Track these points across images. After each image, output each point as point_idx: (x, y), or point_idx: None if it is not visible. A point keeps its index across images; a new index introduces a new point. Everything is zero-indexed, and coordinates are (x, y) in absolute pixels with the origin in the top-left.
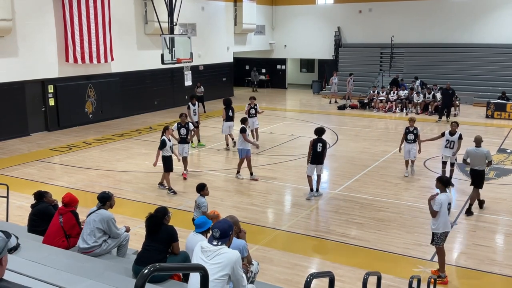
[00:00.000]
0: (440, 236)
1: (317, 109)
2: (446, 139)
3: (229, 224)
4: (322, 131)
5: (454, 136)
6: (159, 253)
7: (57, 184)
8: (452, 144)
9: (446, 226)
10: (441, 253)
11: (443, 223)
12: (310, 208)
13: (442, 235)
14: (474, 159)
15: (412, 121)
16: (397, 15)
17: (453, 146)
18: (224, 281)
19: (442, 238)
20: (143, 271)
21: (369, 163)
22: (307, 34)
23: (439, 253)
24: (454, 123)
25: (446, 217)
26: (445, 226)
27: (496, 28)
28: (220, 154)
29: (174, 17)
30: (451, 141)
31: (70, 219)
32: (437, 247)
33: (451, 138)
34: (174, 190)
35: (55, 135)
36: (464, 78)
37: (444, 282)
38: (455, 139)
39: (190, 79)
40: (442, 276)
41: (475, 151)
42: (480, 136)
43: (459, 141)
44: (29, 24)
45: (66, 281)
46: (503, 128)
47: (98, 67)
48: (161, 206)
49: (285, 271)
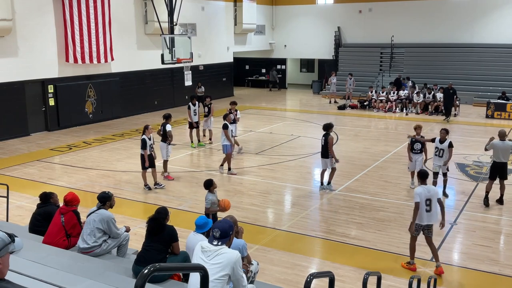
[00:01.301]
0: (420, 227)
1: (317, 109)
2: (435, 147)
3: (229, 224)
4: (326, 126)
5: (444, 144)
6: (159, 253)
7: (57, 184)
8: (441, 153)
9: (422, 219)
10: (411, 242)
11: (419, 215)
12: (310, 208)
13: (416, 226)
14: (500, 152)
15: (419, 128)
16: (397, 15)
17: (443, 154)
18: (224, 281)
19: (416, 228)
20: (143, 271)
21: (369, 163)
22: (307, 34)
23: (410, 241)
24: (443, 130)
25: (422, 210)
26: (422, 219)
27: (496, 28)
28: (220, 154)
29: (174, 17)
30: (440, 149)
31: (71, 219)
32: (412, 236)
33: (441, 146)
34: (149, 186)
35: (55, 135)
36: (464, 78)
37: (412, 268)
38: (444, 147)
39: (190, 79)
40: (411, 263)
41: (502, 144)
42: (505, 130)
43: (449, 150)
44: (29, 24)
45: (66, 281)
46: (503, 128)
47: (98, 67)
48: (162, 207)
49: (285, 271)
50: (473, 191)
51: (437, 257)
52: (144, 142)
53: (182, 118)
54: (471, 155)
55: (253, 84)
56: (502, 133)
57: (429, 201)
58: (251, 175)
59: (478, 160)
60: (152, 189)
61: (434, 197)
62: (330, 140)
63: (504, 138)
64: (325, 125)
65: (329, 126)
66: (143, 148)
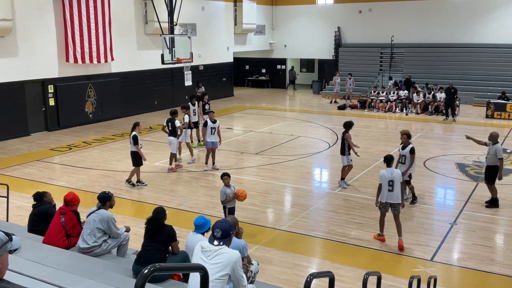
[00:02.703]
0: (382, 204)
1: (317, 109)
2: (400, 153)
3: (230, 224)
4: (345, 124)
5: (405, 150)
6: (159, 253)
7: (57, 184)
8: (404, 159)
9: (383, 196)
10: (381, 217)
11: (381, 193)
12: (310, 208)
13: (384, 203)
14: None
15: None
16: (397, 15)
17: (405, 161)
18: (224, 281)
19: (384, 205)
20: (143, 271)
21: (369, 163)
22: (307, 34)
23: (380, 216)
24: (404, 135)
25: (385, 189)
26: (382, 196)
27: (496, 28)
28: (219, 154)
29: (174, 17)
30: (402, 155)
31: (71, 219)
32: (380, 211)
33: (402, 152)
34: (133, 183)
35: (55, 135)
36: (464, 78)
37: (381, 239)
38: (406, 153)
39: (190, 79)
40: (380, 234)
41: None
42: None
43: (411, 156)
44: (29, 24)
45: (66, 281)
46: (503, 128)
47: (98, 67)
48: (159, 207)
49: (285, 271)
50: (473, 191)
51: (400, 233)
52: (136, 138)
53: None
54: (471, 155)
55: (253, 84)
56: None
57: (392, 182)
58: (251, 175)
59: (478, 160)
60: (135, 185)
61: (397, 179)
62: (347, 137)
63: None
64: (344, 123)
65: (348, 124)
66: (136, 143)
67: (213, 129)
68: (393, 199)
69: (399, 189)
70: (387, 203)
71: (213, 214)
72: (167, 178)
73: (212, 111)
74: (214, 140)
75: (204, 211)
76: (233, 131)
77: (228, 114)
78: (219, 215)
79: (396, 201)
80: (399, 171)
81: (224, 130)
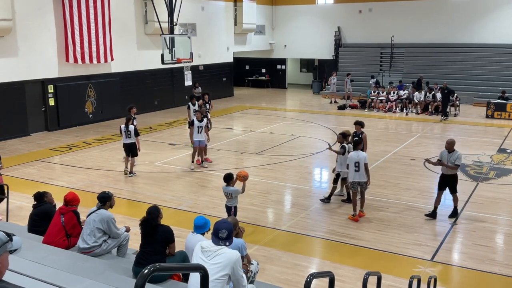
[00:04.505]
0: (352, 183)
1: (317, 109)
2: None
3: (231, 224)
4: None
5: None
6: (157, 253)
7: (57, 184)
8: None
9: (350, 176)
10: (353, 197)
11: (351, 174)
12: (310, 208)
13: (353, 183)
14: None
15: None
16: (397, 15)
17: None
18: (224, 281)
19: (353, 185)
20: (143, 271)
21: (369, 163)
22: (307, 34)
23: (352, 197)
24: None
25: (351, 170)
26: (350, 176)
27: (496, 28)
28: (219, 154)
29: (174, 17)
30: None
31: (71, 219)
32: (351, 191)
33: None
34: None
35: (55, 135)
36: (464, 78)
37: (355, 219)
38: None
39: (190, 79)
40: (354, 215)
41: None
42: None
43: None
44: (29, 24)
45: (66, 281)
46: (503, 128)
47: (98, 67)
48: (153, 206)
49: (285, 271)
50: (473, 191)
51: (362, 206)
52: (137, 131)
53: (182, 118)
54: (471, 155)
55: (253, 84)
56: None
57: (358, 164)
58: (251, 175)
59: (478, 160)
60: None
61: (362, 160)
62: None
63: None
64: (355, 122)
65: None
66: (137, 135)
67: (200, 128)
68: (360, 177)
69: (363, 169)
70: (354, 182)
71: (213, 214)
72: (167, 178)
73: (199, 111)
74: (201, 139)
75: (204, 211)
76: (233, 131)
77: (228, 114)
78: (219, 215)
79: (362, 180)
80: (365, 153)
81: (224, 130)
